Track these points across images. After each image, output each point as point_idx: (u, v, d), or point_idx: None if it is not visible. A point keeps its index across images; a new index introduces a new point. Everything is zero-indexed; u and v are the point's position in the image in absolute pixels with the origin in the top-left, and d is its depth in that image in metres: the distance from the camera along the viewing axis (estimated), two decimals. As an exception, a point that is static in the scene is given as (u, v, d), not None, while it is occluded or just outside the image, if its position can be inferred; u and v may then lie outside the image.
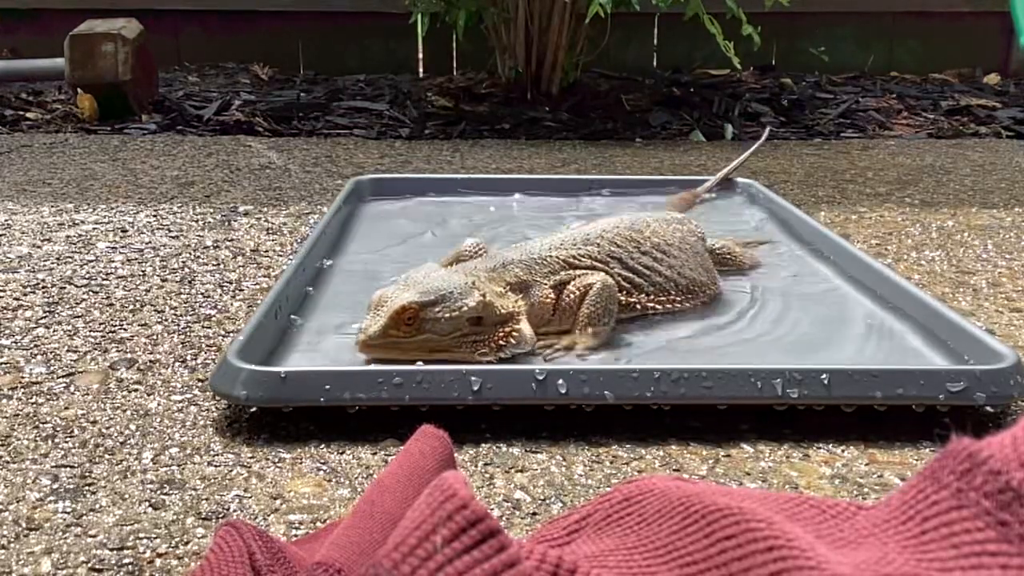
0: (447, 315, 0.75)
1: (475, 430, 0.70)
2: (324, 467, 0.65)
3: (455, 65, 2.74)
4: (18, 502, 0.60)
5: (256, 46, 2.74)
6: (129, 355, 0.84)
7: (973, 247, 1.22)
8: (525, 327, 0.80)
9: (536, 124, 2.10)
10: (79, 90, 2.10)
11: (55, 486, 0.62)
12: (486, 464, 0.66)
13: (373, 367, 0.73)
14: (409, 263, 0.94)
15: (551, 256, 0.85)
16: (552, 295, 0.83)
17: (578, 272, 0.84)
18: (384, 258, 1.07)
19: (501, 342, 0.78)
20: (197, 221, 1.30)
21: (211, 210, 1.37)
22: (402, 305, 0.75)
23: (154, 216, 1.33)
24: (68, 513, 0.59)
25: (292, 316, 0.86)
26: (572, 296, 0.83)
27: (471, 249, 0.94)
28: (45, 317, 0.93)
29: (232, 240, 1.21)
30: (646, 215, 0.97)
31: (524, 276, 0.83)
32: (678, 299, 0.89)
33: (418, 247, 1.11)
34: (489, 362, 0.76)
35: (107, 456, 0.66)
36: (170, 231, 1.25)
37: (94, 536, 0.56)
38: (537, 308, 0.82)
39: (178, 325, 0.91)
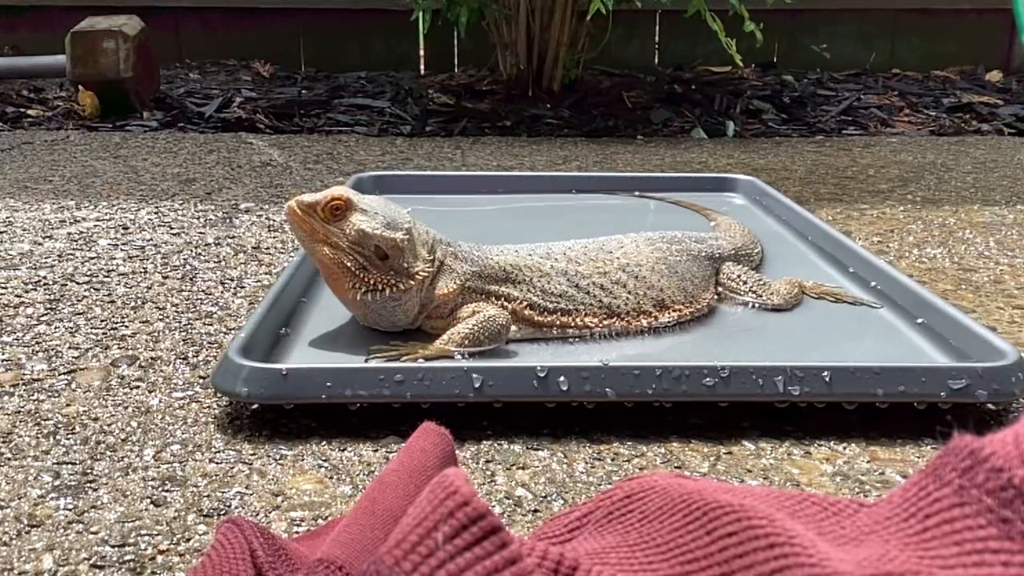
0: (364, 226, 0.77)
1: (477, 427, 0.70)
2: (325, 464, 0.65)
3: (456, 62, 2.74)
4: (20, 499, 0.60)
5: (257, 43, 2.74)
6: (130, 352, 0.84)
7: (975, 244, 1.22)
8: (411, 290, 0.78)
9: (537, 121, 2.10)
10: (80, 87, 2.10)
11: (56, 483, 0.62)
12: (487, 461, 0.66)
13: (375, 365, 0.73)
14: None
15: (492, 259, 0.83)
16: (447, 291, 0.80)
17: (481, 305, 0.81)
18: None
19: (381, 285, 0.78)
20: (198, 218, 1.30)
21: (212, 207, 1.37)
22: (340, 193, 0.78)
23: (155, 213, 1.33)
24: (70, 510, 0.59)
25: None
26: (464, 313, 0.80)
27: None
28: (46, 314, 0.93)
29: (233, 237, 1.21)
30: (633, 235, 0.92)
31: (449, 260, 0.81)
32: (627, 319, 0.83)
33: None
34: (359, 299, 0.78)
35: (108, 453, 0.66)
36: (171, 228, 1.25)
37: (95, 533, 0.56)
38: (428, 291, 0.80)
39: (179, 322, 0.91)
